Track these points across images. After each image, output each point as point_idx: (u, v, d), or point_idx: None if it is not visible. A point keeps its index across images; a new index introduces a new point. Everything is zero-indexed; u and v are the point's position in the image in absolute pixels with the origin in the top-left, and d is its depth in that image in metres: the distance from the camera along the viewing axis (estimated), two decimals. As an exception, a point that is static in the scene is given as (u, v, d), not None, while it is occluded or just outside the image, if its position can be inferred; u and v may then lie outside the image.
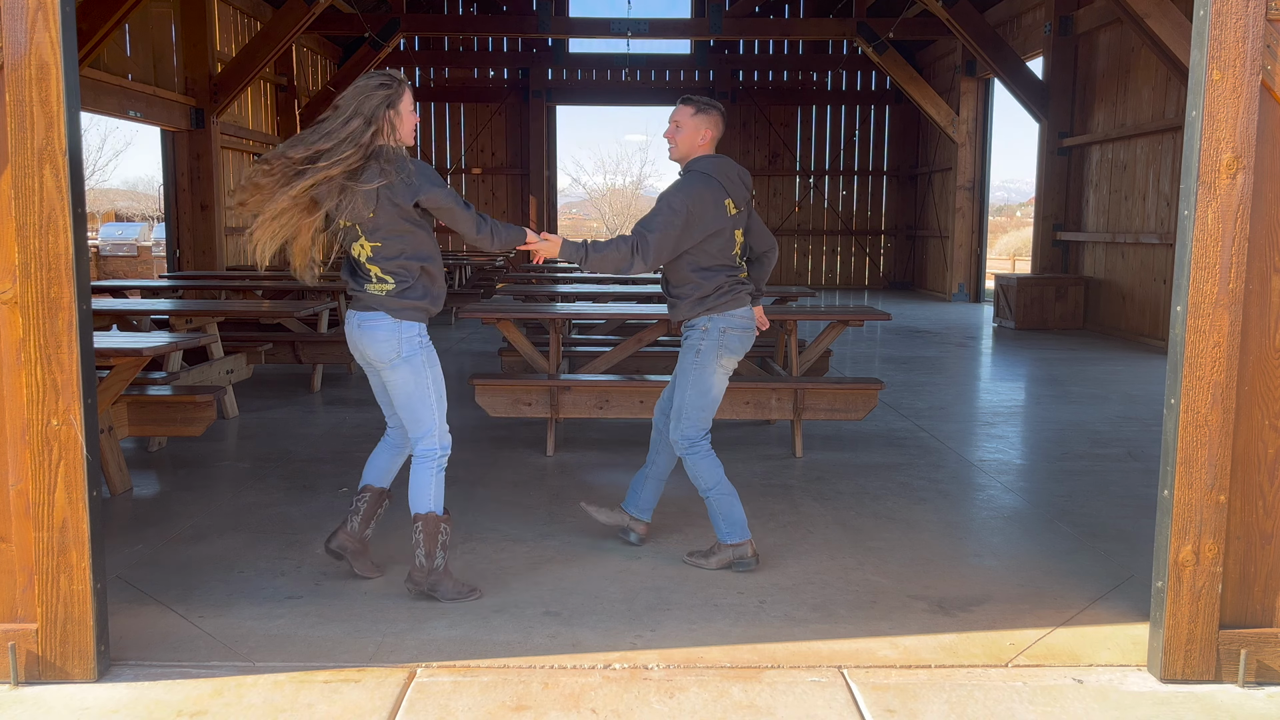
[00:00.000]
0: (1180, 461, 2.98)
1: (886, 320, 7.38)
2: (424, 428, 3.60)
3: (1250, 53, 2.85)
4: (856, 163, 20.53)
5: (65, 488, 2.92)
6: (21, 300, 2.87)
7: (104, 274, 22.14)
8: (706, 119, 3.89)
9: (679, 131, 3.89)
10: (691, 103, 3.90)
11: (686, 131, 3.88)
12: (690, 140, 3.89)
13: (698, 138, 3.89)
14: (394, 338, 3.47)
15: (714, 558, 3.94)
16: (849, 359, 10.09)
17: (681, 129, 3.89)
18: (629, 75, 20.15)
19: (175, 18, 13.25)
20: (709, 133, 3.90)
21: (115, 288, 8.86)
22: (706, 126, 3.89)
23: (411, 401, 3.56)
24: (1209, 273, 2.92)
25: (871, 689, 2.99)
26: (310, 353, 7.98)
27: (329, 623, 3.44)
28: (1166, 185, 11.39)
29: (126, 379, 4.72)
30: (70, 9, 2.84)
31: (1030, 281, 12.97)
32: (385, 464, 3.89)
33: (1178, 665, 3.05)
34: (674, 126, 3.91)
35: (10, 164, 2.83)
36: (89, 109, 11.24)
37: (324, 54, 18.90)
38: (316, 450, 5.99)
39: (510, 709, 2.85)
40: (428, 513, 3.60)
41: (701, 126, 3.88)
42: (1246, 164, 2.89)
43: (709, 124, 3.90)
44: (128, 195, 43.93)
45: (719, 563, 3.93)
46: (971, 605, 3.65)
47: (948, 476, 5.50)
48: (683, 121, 3.89)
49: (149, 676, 3.03)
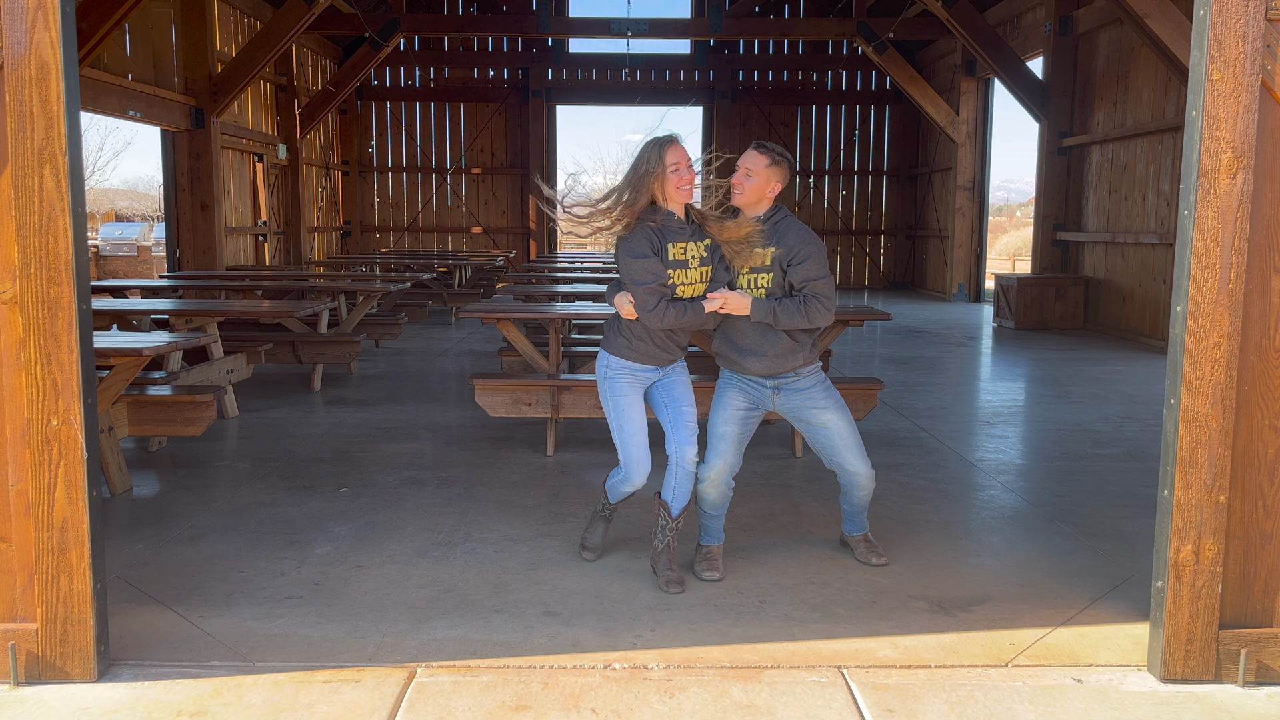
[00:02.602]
0: (1180, 461, 2.98)
1: (886, 320, 7.38)
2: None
3: (1250, 53, 2.85)
4: (856, 163, 20.54)
5: (65, 488, 2.92)
6: (21, 300, 2.87)
7: (104, 274, 22.15)
8: (779, 172, 3.67)
9: (749, 180, 3.65)
10: (766, 152, 3.66)
11: (758, 182, 3.66)
12: (760, 191, 3.67)
13: (767, 189, 3.68)
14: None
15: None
16: (849, 359, 10.09)
17: (753, 178, 3.65)
18: (629, 75, 20.16)
19: (175, 18, 13.25)
20: (778, 186, 3.70)
21: (115, 288, 8.86)
22: (777, 180, 3.68)
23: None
24: (1209, 273, 2.92)
25: (871, 689, 2.99)
26: (310, 353, 7.98)
27: (329, 623, 3.44)
28: (1166, 185, 11.39)
29: (126, 379, 4.72)
30: (70, 9, 2.84)
31: (1030, 281, 12.97)
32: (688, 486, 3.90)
33: (1178, 665, 3.05)
34: (744, 174, 3.66)
35: (10, 164, 2.83)
36: (89, 109, 11.24)
37: (324, 54, 18.90)
38: (316, 450, 5.99)
39: (510, 709, 2.85)
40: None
41: (773, 179, 3.67)
42: (1246, 164, 2.89)
43: (779, 177, 3.68)
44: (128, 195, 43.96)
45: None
46: (971, 605, 3.65)
47: (948, 476, 5.50)
48: (755, 170, 3.65)
49: (149, 676, 3.03)
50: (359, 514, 4.70)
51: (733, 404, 3.82)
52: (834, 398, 3.82)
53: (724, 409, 3.82)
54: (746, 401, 3.83)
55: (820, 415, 3.80)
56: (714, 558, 3.91)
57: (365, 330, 9.28)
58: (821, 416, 3.80)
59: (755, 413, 3.85)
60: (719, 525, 3.93)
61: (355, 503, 4.89)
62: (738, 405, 3.82)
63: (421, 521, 4.58)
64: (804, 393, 3.80)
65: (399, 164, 20.59)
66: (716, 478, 3.77)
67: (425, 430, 6.58)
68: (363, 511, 4.74)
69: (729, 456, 3.78)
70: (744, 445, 3.84)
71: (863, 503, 4.03)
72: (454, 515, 4.67)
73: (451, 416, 7.08)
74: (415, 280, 11.18)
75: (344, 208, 20.43)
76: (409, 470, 5.52)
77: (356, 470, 5.52)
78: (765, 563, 4.06)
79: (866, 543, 4.10)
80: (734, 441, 3.79)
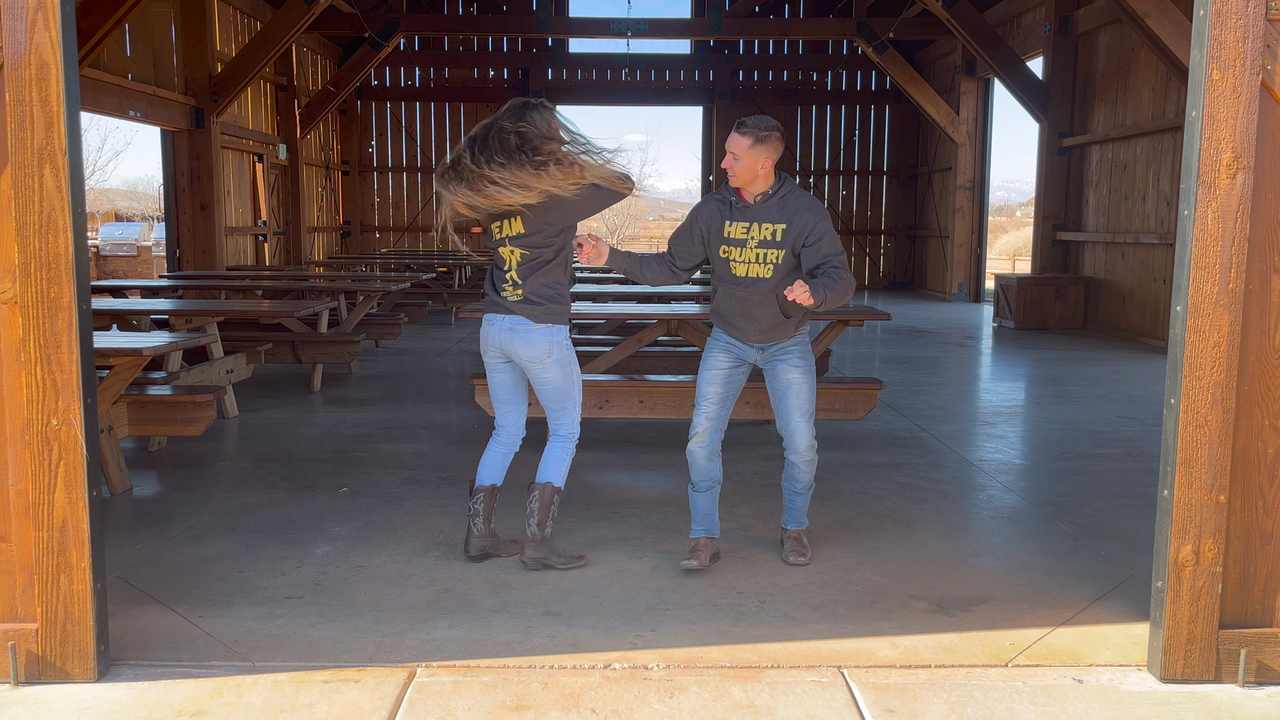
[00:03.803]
0: (1180, 461, 2.98)
1: (886, 320, 7.38)
2: (572, 414, 3.97)
3: (1250, 53, 2.85)
4: (856, 163, 20.54)
5: (65, 487, 2.92)
6: (21, 300, 2.87)
7: (104, 274, 22.15)
8: (765, 148, 3.67)
9: (737, 163, 3.68)
10: (747, 132, 3.65)
11: (746, 163, 3.68)
12: (751, 170, 3.69)
13: (758, 167, 3.69)
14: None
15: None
16: (849, 359, 10.09)
17: (740, 160, 3.67)
18: (629, 75, 20.15)
19: (175, 17, 13.25)
20: (769, 161, 3.70)
21: (115, 288, 8.87)
22: (766, 156, 3.68)
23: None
24: (1209, 273, 2.92)
25: (871, 689, 2.99)
26: (310, 353, 7.98)
27: (329, 623, 3.44)
28: (1166, 185, 11.39)
29: (126, 379, 4.72)
30: (70, 9, 2.84)
31: (1030, 281, 12.97)
32: (501, 463, 4.09)
33: (1178, 665, 3.05)
34: (731, 159, 3.69)
35: (10, 164, 2.83)
36: (89, 109, 11.23)
37: (324, 54, 18.90)
38: (316, 450, 5.99)
39: (510, 709, 2.85)
40: (546, 482, 3.91)
41: (761, 157, 3.67)
42: (1246, 164, 2.89)
43: (767, 153, 3.68)
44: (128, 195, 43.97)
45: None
46: (971, 605, 3.65)
47: (948, 476, 5.50)
48: (740, 154, 3.67)
49: (149, 676, 3.03)
50: (359, 514, 4.70)
51: (717, 364, 3.97)
52: (808, 362, 3.96)
53: (709, 369, 3.98)
54: (730, 360, 3.97)
55: (789, 372, 3.94)
56: (699, 549, 3.96)
57: (365, 330, 9.28)
58: (790, 374, 3.93)
59: (740, 369, 4.00)
60: (708, 507, 4.01)
61: (355, 503, 4.89)
62: (721, 365, 3.96)
63: (421, 521, 4.58)
64: (785, 350, 3.95)
65: (399, 164, 20.58)
66: (703, 435, 3.94)
67: (425, 430, 6.58)
68: (363, 511, 4.74)
69: (714, 414, 3.95)
70: (730, 404, 4.00)
71: (804, 483, 4.08)
72: (454, 515, 4.67)
73: (451, 416, 7.08)
74: (415, 280, 11.18)
75: (344, 208, 20.43)
76: (409, 470, 5.52)
77: (356, 470, 5.52)
78: (765, 563, 4.06)
79: (796, 540, 4.11)
80: (718, 401, 3.95)
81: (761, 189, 3.77)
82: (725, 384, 3.95)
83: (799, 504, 4.10)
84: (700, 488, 4.00)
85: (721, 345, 3.98)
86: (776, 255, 3.76)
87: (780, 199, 3.76)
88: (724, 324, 3.96)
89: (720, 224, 3.82)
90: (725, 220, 3.81)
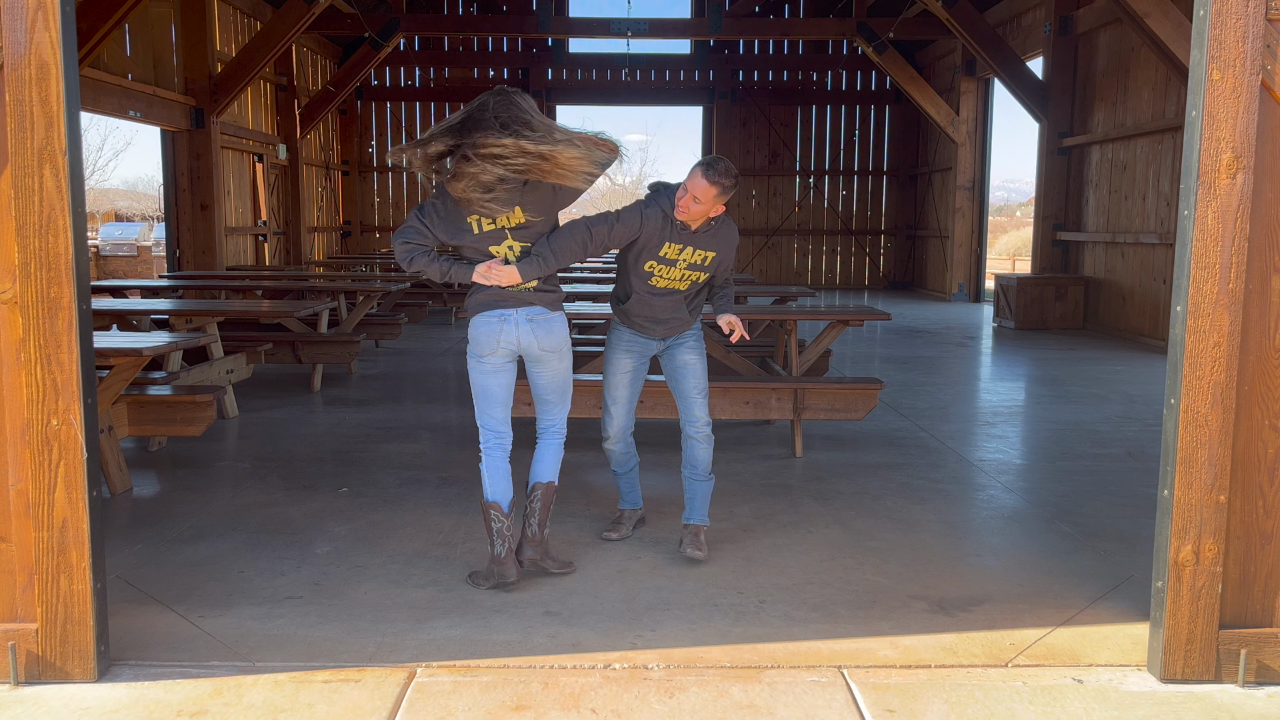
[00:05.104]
0: (1180, 461, 2.98)
1: (886, 320, 7.38)
2: (567, 408, 4.00)
3: (1250, 53, 2.85)
4: (856, 163, 20.54)
5: (65, 487, 2.92)
6: (21, 300, 2.87)
7: (104, 274, 22.15)
8: (725, 197, 3.83)
9: (696, 205, 3.79)
10: (716, 182, 3.75)
11: (704, 208, 3.81)
12: (704, 214, 3.85)
13: (710, 212, 3.87)
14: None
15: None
16: (849, 359, 10.09)
17: (700, 203, 3.79)
18: (629, 75, 20.15)
19: (175, 17, 13.25)
20: (722, 208, 3.94)
21: (115, 288, 8.86)
22: (722, 203, 3.88)
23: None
24: (1209, 273, 2.92)
25: (871, 689, 2.99)
26: (310, 353, 7.98)
27: (329, 623, 3.44)
28: (1166, 185, 11.39)
29: (126, 379, 4.72)
30: (70, 9, 2.84)
31: (1030, 281, 12.97)
32: (509, 472, 3.86)
33: (1178, 665, 3.05)
34: (691, 199, 3.79)
35: (10, 164, 2.83)
36: (89, 109, 11.23)
37: (324, 54, 18.90)
38: (316, 450, 5.99)
39: (510, 709, 2.85)
40: (548, 482, 3.87)
41: (719, 204, 3.85)
42: (1246, 164, 2.89)
43: (725, 199, 3.86)
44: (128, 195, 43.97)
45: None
46: (971, 605, 3.65)
47: (948, 476, 5.50)
48: (703, 199, 3.78)
49: (149, 676, 3.03)
50: (359, 514, 4.70)
51: (622, 368, 4.18)
52: (702, 345, 4.24)
53: (615, 374, 4.19)
54: (634, 361, 4.19)
55: (686, 355, 4.16)
56: (622, 520, 4.40)
57: (365, 330, 9.28)
58: (686, 356, 4.16)
59: (642, 366, 4.23)
60: (629, 486, 4.43)
61: (355, 503, 4.89)
62: (626, 368, 4.18)
63: (421, 521, 4.58)
64: (683, 338, 4.20)
65: (399, 164, 20.54)
66: (616, 434, 4.23)
67: (425, 430, 6.58)
68: (363, 511, 4.74)
69: (622, 415, 4.22)
70: (635, 401, 4.27)
71: (704, 467, 4.16)
72: (454, 515, 4.67)
73: (451, 416, 7.08)
74: (415, 280, 11.17)
75: (344, 208, 20.43)
76: (409, 470, 5.52)
77: (356, 470, 5.52)
78: (765, 563, 4.06)
79: (693, 534, 4.13)
80: (626, 403, 4.22)
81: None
82: (631, 386, 4.20)
83: (700, 493, 4.18)
84: (621, 473, 4.38)
85: (624, 347, 4.17)
86: (698, 276, 4.03)
87: (715, 229, 3.98)
88: (630, 322, 4.14)
89: (659, 242, 3.93)
90: (665, 240, 3.93)
